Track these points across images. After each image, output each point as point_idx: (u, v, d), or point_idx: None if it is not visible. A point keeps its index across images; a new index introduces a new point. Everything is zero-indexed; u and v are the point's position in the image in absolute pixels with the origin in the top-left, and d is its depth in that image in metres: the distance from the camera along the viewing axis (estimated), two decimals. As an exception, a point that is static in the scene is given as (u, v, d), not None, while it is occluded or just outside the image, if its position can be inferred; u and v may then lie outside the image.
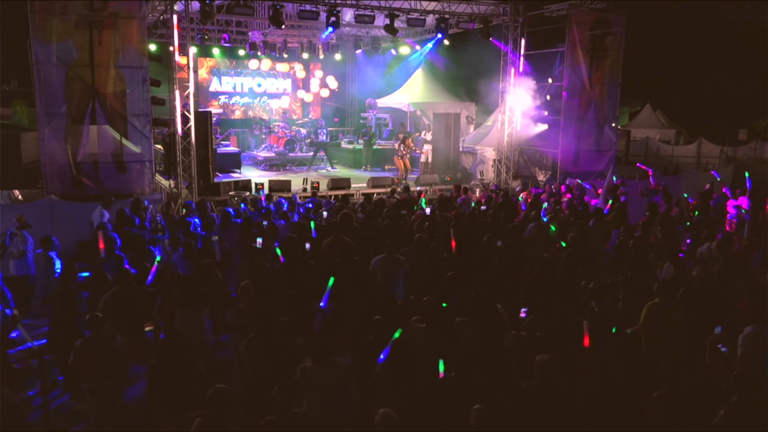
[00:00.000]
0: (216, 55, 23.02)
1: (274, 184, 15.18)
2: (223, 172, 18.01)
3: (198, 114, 14.81)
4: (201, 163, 14.73)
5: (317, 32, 18.36)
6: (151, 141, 12.07)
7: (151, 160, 12.12)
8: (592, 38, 16.38)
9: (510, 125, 17.15)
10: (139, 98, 11.80)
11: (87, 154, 11.62)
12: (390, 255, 8.27)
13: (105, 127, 11.60)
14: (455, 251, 9.41)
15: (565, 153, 16.78)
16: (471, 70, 20.74)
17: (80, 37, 11.23)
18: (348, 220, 10.25)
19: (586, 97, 16.60)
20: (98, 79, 11.42)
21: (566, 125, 16.57)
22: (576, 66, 16.29)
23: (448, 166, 18.11)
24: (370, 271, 7.96)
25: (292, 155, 20.18)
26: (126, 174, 11.94)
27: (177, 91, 12.84)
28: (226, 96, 23.91)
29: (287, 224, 10.50)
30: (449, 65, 21.60)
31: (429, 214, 11.04)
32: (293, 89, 24.87)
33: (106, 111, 11.54)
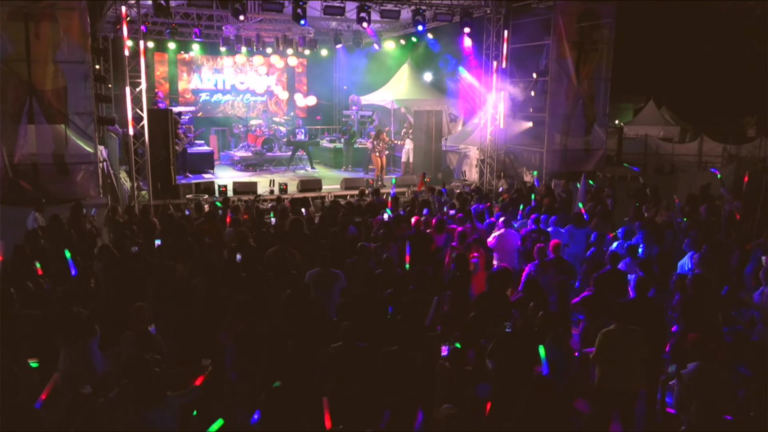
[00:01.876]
0: (195, 51, 22.23)
1: (238, 186, 14.38)
2: (195, 172, 17.27)
3: (156, 112, 14.08)
4: (161, 164, 13.97)
5: (292, 26, 17.51)
6: (96, 141, 11.25)
7: (96, 162, 11.30)
8: (579, 31, 15.43)
9: (493, 123, 16.24)
10: (81, 95, 11.03)
11: (25, 156, 10.86)
12: (324, 269, 7.44)
13: (45, 126, 10.83)
14: (410, 263, 8.61)
15: (551, 152, 15.84)
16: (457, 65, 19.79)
17: (15, 29, 10.47)
18: (297, 227, 9.43)
19: (573, 92, 15.64)
20: (35, 75, 10.65)
21: (552, 123, 15.63)
22: (562, 60, 15.33)
23: (429, 165, 17.20)
24: (303, 287, 7.12)
25: (270, 155, 19.37)
26: (69, 176, 11.15)
27: (128, 87, 12.02)
28: (207, 93, 23.14)
29: (234, 231, 9.68)
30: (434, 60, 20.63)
31: (387, 221, 10.19)
32: (276, 86, 24.07)
33: (44, 109, 10.78)
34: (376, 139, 16.22)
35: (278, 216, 10.26)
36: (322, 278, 7.36)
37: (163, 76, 22.37)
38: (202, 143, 19.25)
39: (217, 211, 10.19)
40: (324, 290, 7.30)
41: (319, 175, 18.31)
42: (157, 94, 18.48)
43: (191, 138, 17.77)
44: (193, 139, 18.60)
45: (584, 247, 10.17)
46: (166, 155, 14.02)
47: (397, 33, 20.13)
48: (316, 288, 7.33)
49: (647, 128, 28.25)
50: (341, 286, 7.32)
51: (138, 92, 12.30)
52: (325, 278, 7.35)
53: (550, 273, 7.94)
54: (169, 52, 22.04)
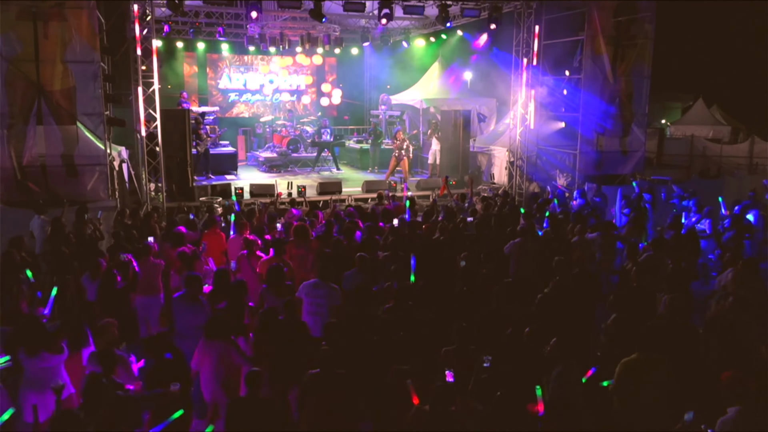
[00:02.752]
0: (224, 51, 22.06)
1: (255, 189, 14.01)
2: (218, 173, 17.02)
3: (173, 113, 13.82)
4: (179, 166, 13.72)
5: (316, 24, 17.07)
6: (106, 142, 11.01)
7: (105, 164, 11.07)
8: (616, 25, 14.48)
9: (523, 123, 15.44)
10: (90, 96, 10.78)
11: (34, 157, 10.69)
12: (322, 280, 6.92)
13: (53, 128, 10.63)
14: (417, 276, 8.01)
15: (585, 154, 14.94)
16: (488, 62, 19.01)
17: (23, 29, 10.29)
18: (303, 235, 8.94)
19: (608, 91, 14.71)
20: (44, 76, 10.45)
21: (585, 123, 14.73)
22: (597, 56, 14.42)
23: (457, 168, 16.52)
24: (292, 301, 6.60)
25: (295, 156, 18.99)
26: (78, 178, 10.94)
27: (140, 88, 11.76)
28: (236, 93, 22.96)
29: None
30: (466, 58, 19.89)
31: (397, 227, 9.60)
32: (307, 86, 23.74)
33: (53, 110, 10.58)
34: (394, 138, 15.64)
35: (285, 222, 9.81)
36: (315, 291, 6.85)
37: (192, 76, 22.28)
38: (227, 144, 19.01)
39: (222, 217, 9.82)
40: (316, 304, 6.78)
41: (345, 176, 17.84)
42: (182, 94, 18.30)
43: (214, 138, 17.51)
44: (217, 139, 18.37)
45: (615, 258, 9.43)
46: (183, 156, 13.76)
47: (427, 30, 19.49)
48: (308, 301, 6.83)
49: (695, 128, 26.79)
50: (335, 301, 6.79)
51: (151, 92, 12.02)
52: (318, 291, 6.83)
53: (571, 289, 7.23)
54: (198, 51, 21.95)
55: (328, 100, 23.75)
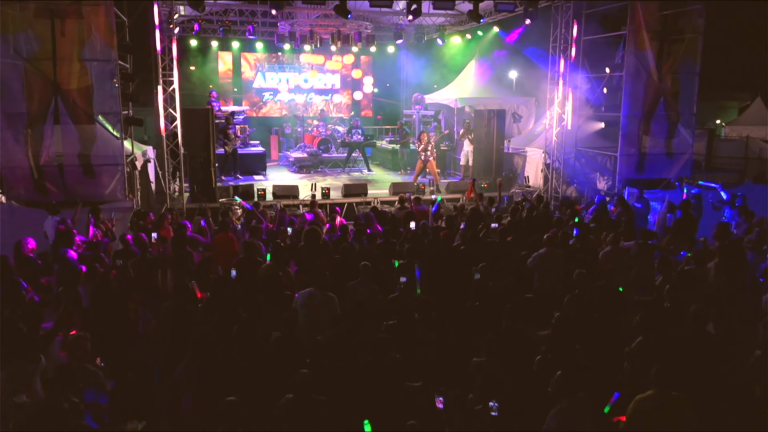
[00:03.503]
0: (259, 50, 21.91)
1: (278, 190, 13.67)
2: (246, 174, 16.80)
3: (197, 112, 13.60)
4: (202, 166, 13.52)
5: (347, 21, 16.65)
6: (123, 142, 10.82)
7: (122, 163, 10.89)
8: (661, 19, 13.53)
9: (560, 123, 14.65)
10: (107, 95, 10.62)
11: (51, 156, 10.59)
12: (318, 290, 6.45)
13: (70, 126, 10.51)
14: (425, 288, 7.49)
15: (627, 156, 14.03)
16: (527, 60, 18.24)
17: (40, 27, 10.18)
18: (313, 240, 8.51)
19: (653, 89, 13.75)
20: (60, 74, 10.32)
21: (627, 123, 13.83)
22: (640, 52, 13.48)
23: (490, 170, 15.84)
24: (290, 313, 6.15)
25: (325, 156, 18.63)
26: (95, 178, 10.80)
27: (159, 87, 11.56)
28: (270, 92, 22.78)
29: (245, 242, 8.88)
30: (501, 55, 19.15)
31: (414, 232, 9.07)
32: (342, 85, 23.39)
33: (70, 109, 10.44)
34: (419, 141, 15.08)
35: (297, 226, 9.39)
36: (312, 301, 6.38)
37: (226, 75, 22.22)
38: (257, 143, 18.79)
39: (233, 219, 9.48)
40: (313, 316, 6.31)
41: (375, 178, 17.40)
42: (211, 93, 18.16)
43: (242, 138, 17.30)
44: (247, 139, 18.18)
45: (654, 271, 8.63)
46: (207, 156, 13.54)
47: (463, 27, 18.82)
48: (304, 312, 6.37)
49: (752, 129, 25.21)
50: (332, 312, 6.30)
51: (171, 91, 11.81)
52: (315, 301, 6.36)
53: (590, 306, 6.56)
54: (233, 50, 21.87)
55: (361, 94, 23.29)
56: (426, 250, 8.38)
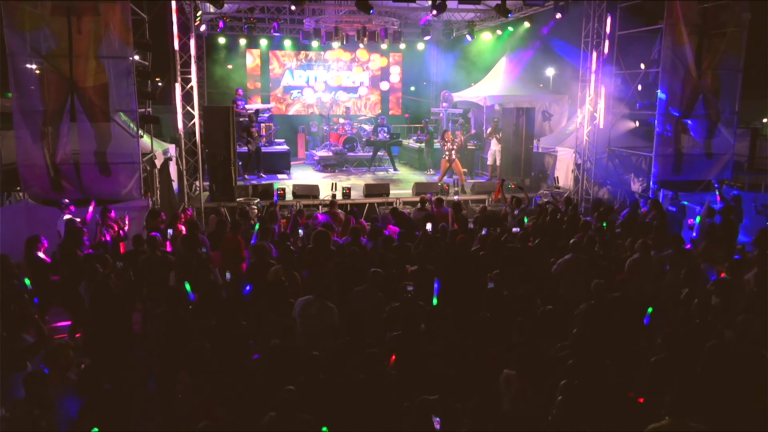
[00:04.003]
0: (287, 48, 21.74)
1: (298, 190, 13.42)
2: (270, 173, 16.62)
3: (217, 110, 13.46)
4: (222, 165, 13.37)
5: (373, 17, 16.32)
6: (138, 140, 10.70)
7: (138, 162, 10.76)
8: (701, 12, 12.79)
9: (591, 122, 14.03)
10: (123, 92, 10.49)
11: (68, 155, 10.53)
12: (317, 298, 6.12)
13: (86, 124, 10.43)
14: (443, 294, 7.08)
15: (663, 157, 13.33)
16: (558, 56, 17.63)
17: (57, 24, 10.09)
18: (323, 243, 8.19)
19: (691, 86, 13.02)
20: (77, 72, 10.23)
21: (664, 122, 13.13)
22: (678, 47, 12.77)
23: (518, 169, 15.31)
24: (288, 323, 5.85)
25: (351, 155, 18.34)
26: (112, 176, 10.70)
27: (177, 84, 11.41)
28: (298, 90, 22.60)
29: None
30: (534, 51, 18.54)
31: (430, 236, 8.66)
32: (370, 83, 23.06)
33: (86, 106, 10.35)
34: (443, 140, 14.63)
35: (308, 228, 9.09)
36: (309, 310, 6.05)
37: (254, 73, 22.12)
38: (282, 142, 18.62)
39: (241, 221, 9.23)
40: (310, 326, 5.98)
41: (400, 177, 17.03)
42: (237, 91, 18.05)
43: (266, 137, 17.13)
44: (272, 137, 18.01)
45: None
46: (227, 155, 13.38)
47: (493, 23, 18.31)
48: (300, 321, 6.05)
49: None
50: (331, 322, 5.97)
51: (189, 89, 11.65)
52: (312, 310, 6.03)
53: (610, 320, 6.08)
54: (261, 48, 21.77)
55: (390, 92, 22.92)
56: (441, 255, 7.99)
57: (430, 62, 22.58)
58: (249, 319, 6.63)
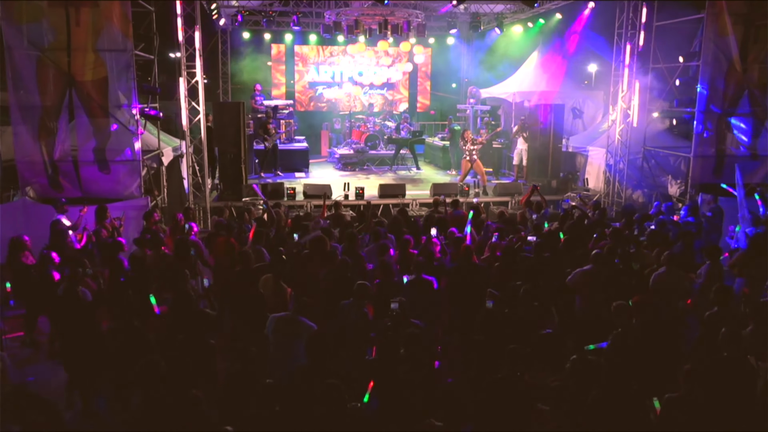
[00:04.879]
0: (312, 42, 21.23)
1: (309, 189, 12.86)
2: (287, 171, 16.14)
3: (227, 106, 13.02)
4: (232, 163, 12.92)
5: (396, 10, 15.64)
6: (139, 137, 10.28)
7: (138, 159, 10.35)
8: (747, 1, 11.69)
9: (625, 119, 13.06)
10: (122, 87, 10.08)
11: (66, 151, 10.18)
12: (294, 314, 5.51)
13: (84, 120, 10.06)
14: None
15: (702, 158, 12.27)
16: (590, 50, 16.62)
17: (55, 16, 9.73)
18: (320, 247, 7.58)
19: (734, 81, 11.92)
20: (75, 65, 9.85)
21: (704, 120, 12.07)
22: (721, 39, 11.68)
23: (545, 170, 14.43)
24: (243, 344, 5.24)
25: (373, 153, 17.71)
26: (111, 174, 10.32)
27: (181, 79, 10.97)
28: (324, 86, 22.06)
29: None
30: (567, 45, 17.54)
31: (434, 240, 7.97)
32: (397, 78, 22.35)
33: (84, 101, 9.98)
34: (462, 139, 13.84)
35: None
36: (281, 328, 5.45)
37: (279, 69, 21.69)
38: (302, 139, 18.10)
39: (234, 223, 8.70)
40: (283, 345, 5.38)
41: (423, 177, 16.35)
42: (255, 87, 17.62)
43: (281, 134, 16.63)
44: (292, 134, 17.53)
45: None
46: (237, 153, 12.92)
47: (524, 15, 17.41)
48: (274, 340, 5.45)
49: None
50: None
51: (194, 83, 11.20)
52: (285, 329, 5.43)
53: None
54: (286, 43, 21.32)
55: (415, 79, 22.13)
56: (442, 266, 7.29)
57: (458, 57, 21.74)
58: (222, 336, 6.12)
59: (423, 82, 22.73)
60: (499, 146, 16.62)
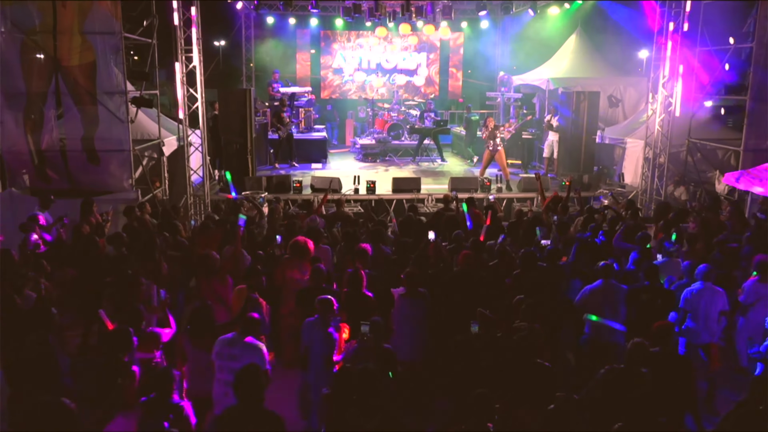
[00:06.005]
0: (338, 27, 20.34)
1: (316, 182, 12.06)
2: (305, 162, 15.38)
3: (232, 94, 12.32)
4: (238, 154, 12.22)
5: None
6: (128, 125, 9.63)
7: (128, 149, 9.71)
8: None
9: (666, 108, 11.76)
10: (111, 72, 9.44)
11: (53, 141, 9.63)
12: (240, 334, 4.74)
13: (72, 108, 9.49)
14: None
15: (753, 152, 10.91)
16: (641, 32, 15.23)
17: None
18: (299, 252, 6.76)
19: (793, 66, 10.53)
20: (61, 49, 9.26)
21: (756, 109, 10.70)
22: (778, 18, 10.33)
23: (576, 163, 13.24)
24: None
25: (395, 143, 16.77)
26: (101, 165, 9.73)
27: (177, 64, 10.27)
28: (350, 73, 21.16)
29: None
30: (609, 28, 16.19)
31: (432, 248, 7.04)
32: (427, 63, 21.28)
33: (71, 87, 9.39)
34: (485, 127, 12.74)
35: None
36: (230, 350, 4.66)
37: (304, 54, 20.91)
38: (322, 128, 17.30)
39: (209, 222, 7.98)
40: (228, 369, 4.57)
41: (448, 169, 15.35)
42: (274, 74, 16.88)
43: (299, 122, 15.87)
44: (312, 123, 16.75)
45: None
46: (243, 143, 12.21)
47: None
48: (218, 364, 4.68)
49: None
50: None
51: (192, 68, 10.49)
52: (234, 350, 4.64)
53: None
54: (311, 28, 20.50)
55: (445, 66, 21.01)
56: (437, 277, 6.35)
57: (491, 42, 20.49)
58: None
59: (454, 68, 21.59)
60: (529, 137, 15.43)
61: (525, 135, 15.24)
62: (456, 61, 21.53)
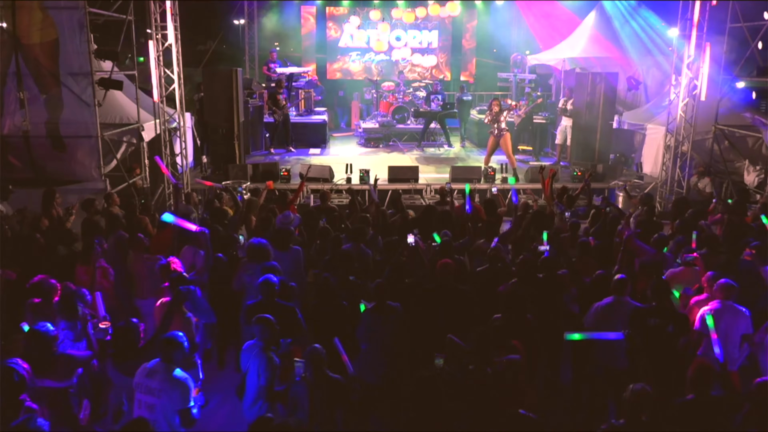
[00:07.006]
0: (345, 4, 19.35)
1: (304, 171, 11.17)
2: (302, 147, 14.56)
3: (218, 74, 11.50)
4: (224, 139, 11.44)
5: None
6: (95, 108, 8.86)
7: (96, 135, 8.96)
8: None
9: (690, 92, 10.67)
10: (75, 50, 8.67)
11: (16, 126, 8.91)
12: (163, 361, 3.96)
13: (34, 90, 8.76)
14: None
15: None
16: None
17: (-4, -33, 8.41)
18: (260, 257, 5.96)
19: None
20: (20, 26, 8.51)
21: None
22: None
23: (591, 151, 12.21)
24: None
25: (400, 127, 15.83)
26: (67, 153, 9.01)
27: (151, 42, 9.46)
28: (358, 52, 20.18)
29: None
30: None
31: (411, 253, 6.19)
32: (439, 43, 20.18)
33: (31, 68, 8.65)
34: (489, 110, 11.72)
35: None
36: (149, 381, 3.92)
37: (309, 32, 19.94)
38: (322, 111, 16.41)
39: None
40: (147, 405, 3.85)
41: (455, 154, 14.41)
42: (272, 53, 16.01)
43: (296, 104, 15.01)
44: (312, 105, 15.89)
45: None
46: (230, 128, 11.41)
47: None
48: (137, 397, 3.94)
49: None
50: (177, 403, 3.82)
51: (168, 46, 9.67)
52: (152, 382, 3.91)
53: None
54: (317, 5, 19.54)
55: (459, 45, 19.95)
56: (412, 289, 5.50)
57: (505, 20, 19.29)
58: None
59: (467, 47, 20.47)
60: (542, 121, 14.35)
61: (537, 119, 14.18)
62: (468, 41, 20.40)
